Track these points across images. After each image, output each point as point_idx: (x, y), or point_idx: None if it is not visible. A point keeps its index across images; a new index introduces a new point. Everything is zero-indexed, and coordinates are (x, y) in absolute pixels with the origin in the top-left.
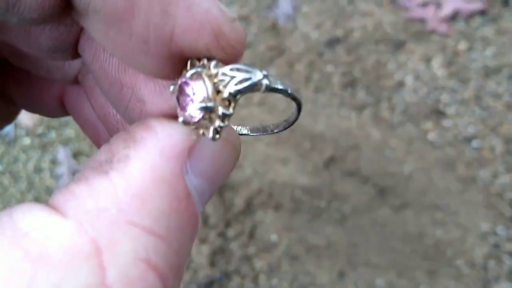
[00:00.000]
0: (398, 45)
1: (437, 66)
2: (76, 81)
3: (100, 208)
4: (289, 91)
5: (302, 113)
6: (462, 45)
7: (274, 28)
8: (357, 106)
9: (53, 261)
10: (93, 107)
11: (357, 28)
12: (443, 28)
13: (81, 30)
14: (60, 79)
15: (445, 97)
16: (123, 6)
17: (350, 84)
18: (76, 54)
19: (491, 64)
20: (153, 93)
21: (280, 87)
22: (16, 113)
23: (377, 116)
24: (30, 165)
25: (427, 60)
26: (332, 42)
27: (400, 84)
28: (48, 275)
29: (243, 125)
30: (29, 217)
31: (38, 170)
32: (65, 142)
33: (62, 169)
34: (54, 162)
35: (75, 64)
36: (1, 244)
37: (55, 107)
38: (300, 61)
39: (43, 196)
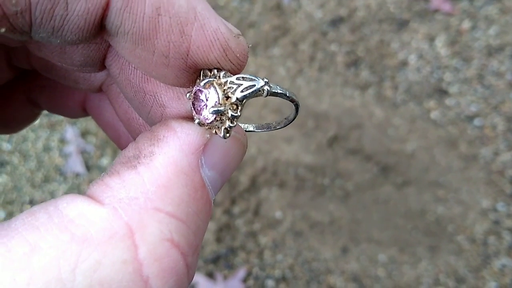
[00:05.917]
0: (402, 24)
1: (441, 45)
2: (99, 90)
3: (131, 197)
4: (287, 94)
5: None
6: (466, 24)
7: (278, 7)
8: (360, 85)
9: (94, 241)
10: (117, 112)
11: (360, 7)
12: (446, 7)
13: (108, 47)
14: (85, 88)
15: (448, 76)
16: (148, 28)
17: (354, 63)
18: (102, 67)
19: (494, 43)
20: (172, 99)
21: (279, 91)
22: (39, 114)
23: (380, 95)
24: (39, 144)
25: (431, 39)
26: (336, 22)
27: (404, 63)
28: (91, 253)
29: (249, 123)
30: (73, 206)
31: (47, 149)
32: (73, 122)
33: (70, 148)
34: (62, 141)
35: (99, 75)
36: (51, 229)
37: (77, 111)
38: (304, 40)
39: (52, 174)
